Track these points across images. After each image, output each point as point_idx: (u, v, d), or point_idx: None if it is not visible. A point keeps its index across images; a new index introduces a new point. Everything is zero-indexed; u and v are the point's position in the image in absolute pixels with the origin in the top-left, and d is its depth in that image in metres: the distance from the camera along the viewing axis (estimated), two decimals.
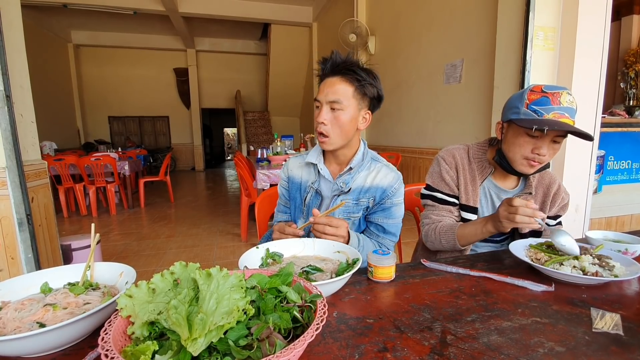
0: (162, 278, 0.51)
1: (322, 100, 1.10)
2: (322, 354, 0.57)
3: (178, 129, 11.65)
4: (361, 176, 1.16)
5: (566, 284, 0.84)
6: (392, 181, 1.16)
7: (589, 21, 2.27)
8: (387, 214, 1.17)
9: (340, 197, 1.16)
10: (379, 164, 1.20)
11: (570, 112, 1.00)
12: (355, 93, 1.09)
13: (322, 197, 1.20)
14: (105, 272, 0.78)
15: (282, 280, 0.57)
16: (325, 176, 1.19)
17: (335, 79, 1.09)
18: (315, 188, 1.19)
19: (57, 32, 9.05)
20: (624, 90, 4.02)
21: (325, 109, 1.09)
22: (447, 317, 0.69)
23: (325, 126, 1.09)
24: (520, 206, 0.93)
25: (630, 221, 3.01)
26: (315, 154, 1.22)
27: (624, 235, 1.09)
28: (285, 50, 9.10)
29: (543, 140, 1.04)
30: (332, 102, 1.08)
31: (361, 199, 1.16)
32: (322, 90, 1.11)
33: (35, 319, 0.61)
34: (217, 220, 4.72)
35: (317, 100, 1.12)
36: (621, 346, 0.59)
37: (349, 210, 1.17)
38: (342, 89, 1.08)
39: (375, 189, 1.16)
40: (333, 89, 1.08)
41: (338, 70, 1.09)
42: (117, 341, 0.45)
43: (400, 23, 4.52)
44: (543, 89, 1.02)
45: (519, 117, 1.05)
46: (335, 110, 1.09)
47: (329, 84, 1.09)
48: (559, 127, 0.97)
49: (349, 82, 1.08)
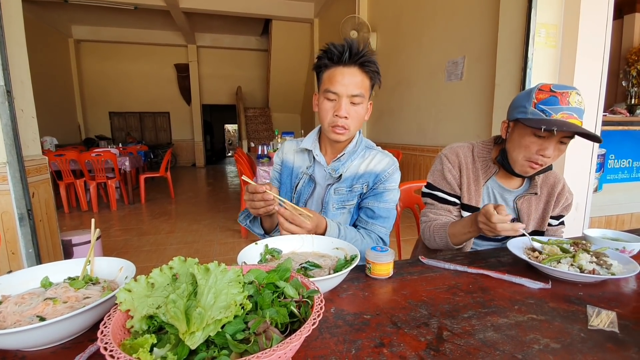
0: (161, 273, 0.51)
1: (342, 92, 1.04)
2: (319, 349, 0.57)
3: (179, 125, 11.64)
4: (355, 164, 1.15)
5: (563, 282, 0.84)
6: (386, 166, 1.15)
7: (591, 19, 2.26)
8: (378, 198, 1.14)
9: (333, 185, 1.14)
10: (373, 151, 1.19)
11: (579, 113, 0.98)
12: (369, 85, 1.07)
13: (316, 184, 1.18)
14: (105, 267, 0.78)
15: (279, 276, 0.57)
16: (321, 162, 1.17)
17: (354, 70, 1.04)
18: (309, 174, 1.18)
19: (58, 27, 9.04)
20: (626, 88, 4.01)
21: (346, 101, 1.05)
22: (444, 314, 0.69)
23: (347, 120, 1.06)
24: (498, 223, 0.91)
25: (630, 220, 3.01)
26: (310, 140, 1.19)
27: (622, 233, 1.09)
28: (286, 46, 9.07)
29: (550, 141, 1.01)
30: (354, 95, 1.04)
31: (354, 185, 1.14)
32: (337, 81, 1.04)
33: (36, 312, 0.62)
34: (218, 216, 4.73)
35: (330, 91, 1.05)
36: (616, 343, 0.60)
37: (342, 198, 1.15)
38: (362, 82, 1.05)
39: (369, 175, 1.15)
40: (355, 82, 1.03)
41: (356, 61, 1.03)
42: (116, 335, 0.46)
43: (402, 20, 4.50)
44: (552, 88, 0.99)
45: (526, 117, 1.02)
46: (355, 105, 1.06)
47: (349, 75, 1.03)
48: (569, 128, 0.94)
49: (367, 75, 1.05)
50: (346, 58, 1.03)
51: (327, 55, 1.06)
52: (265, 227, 1.16)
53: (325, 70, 1.07)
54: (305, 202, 1.20)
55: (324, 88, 1.07)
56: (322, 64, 1.07)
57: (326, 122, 1.09)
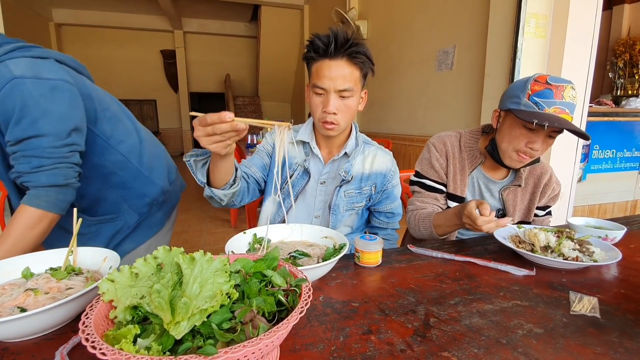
0: (145, 262, 0.50)
1: (329, 87, 0.99)
2: (307, 337, 0.57)
3: (166, 113, 11.39)
4: (358, 162, 1.14)
5: (547, 269, 0.86)
6: (389, 164, 1.17)
7: (581, 9, 2.27)
8: (392, 199, 1.20)
9: (342, 187, 1.12)
10: (372, 147, 1.19)
11: (571, 108, 0.98)
12: (360, 76, 1.02)
13: (310, 177, 1.15)
14: (89, 257, 0.77)
15: (267, 265, 0.56)
16: (318, 156, 1.14)
17: (341, 63, 0.97)
18: (305, 167, 1.14)
19: (38, 10, 8.66)
20: (612, 80, 4.07)
21: (334, 97, 1.00)
22: (431, 301, 0.70)
23: (335, 116, 1.01)
24: (484, 225, 0.92)
25: (612, 209, 3.10)
26: (306, 132, 1.14)
27: (604, 222, 1.12)
28: (275, 33, 8.90)
29: (539, 135, 1.01)
30: (342, 90, 0.99)
31: (363, 187, 1.14)
32: (324, 75, 0.98)
33: (16, 303, 0.60)
34: (207, 206, 4.69)
35: (318, 87, 1.00)
36: (598, 328, 0.61)
37: (352, 200, 1.14)
38: (351, 74, 0.99)
39: (376, 176, 1.15)
40: (342, 75, 0.97)
41: (343, 52, 0.97)
42: (98, 325, 0.45)
43: (394, 8, 4.45)
44: (548, 80, 0.98)
45: (519, 108, 1.01)
46: (345, 98, 1.01)
47: (336, 68, 0.97)
48: (560, 125, 0.94)
49: (356, 66, 0.99)
50: (332, 50, 0.96)
51: (312, 48, 1.00)
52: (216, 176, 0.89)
53: (313, 63, 1.02)
54: (297, 195, 1.17)
55: (312, 82, 1.03)
56: (309, 56, 1.02)
57: (316, 117, 1.06)
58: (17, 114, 0.83)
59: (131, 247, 1.17)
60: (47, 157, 0.86)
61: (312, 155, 1.15)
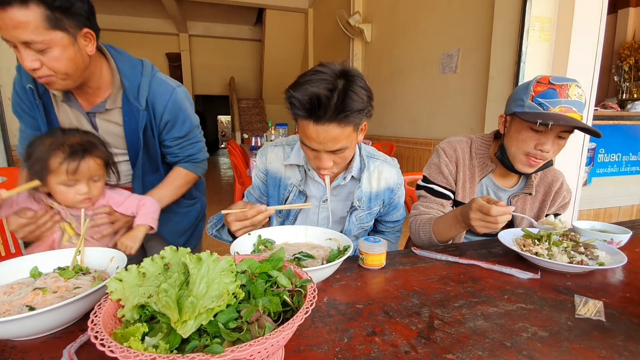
0: (152, 262, 0.51)
1: (320, 149, 0.89)
2: (311, 337, 0.58)
3: None
4: (364, 181, 1.08)
5: (552, 272, 0.86)
6: (395, 178, 1.14)
7: (585, 12, 2.26)
8: (397, 208, 1.20)
9: (353, 213, 1.10)
10: (377, 161, 1.12)
11: (578, 106, 0.95)
12: (354, 129, 0.89)
13: (307, 199, 1.10)
14: (96, 257, 0.78)
15: (272, 265, 0.57)
16: (314, 178, 1.08)
17: (331, 128, 0.84)
18: (300, 189, 1.08)
19: None
20: (618, 83, 4.04)
21: (326, 155, 0.91)
22: (435, 303, 0.70)
23: (332, 167, 0.95)
24: (499, 215, 0.87)
25: (618, 213, 3.07)
26: (300, 155, 1.07)
27: (610, 225, 1.11)
28: (280, 36, 8.95)
29: (547, 136, 0.99)
30: (335, 150, 0.89)
31: (373, 208, 1.13)
32: (312, 138, 0.87)
33: (25, 302, 0.61)
34: (211, 207, 4.68)
35: (306, 145, 0.91)
36: (603, 331, 0.61)
37: (362, 222, 1.14)
38: (343, 133, 0.86)
39: (384, 192, 1.13)
40: (332, 138, 0.86)
41: (331, 118, 0.83)
42: (107, 324, 0.45)
43: (398, 11, 4.46)
44: (550, 81, 0.97)
45: (523, 110, 0.99)
46: (340, 152, 0.91)
47: (324, 133, 0.84)
48: (565, 122, 0.92)
49: (349, 124, 0.85)
50: (316, 116, 0.83)
51: (293, 104, 0.86)
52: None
53: (297, 118, 0.89)
54: (296, 216, 1.16)
55: (300, 136, 0.93)
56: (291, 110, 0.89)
57: (311, 165, 1.02)
58: (182, 114, 1.17)
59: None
60: (202, 140, 1.28)
61: (308, 179, 1.10)
